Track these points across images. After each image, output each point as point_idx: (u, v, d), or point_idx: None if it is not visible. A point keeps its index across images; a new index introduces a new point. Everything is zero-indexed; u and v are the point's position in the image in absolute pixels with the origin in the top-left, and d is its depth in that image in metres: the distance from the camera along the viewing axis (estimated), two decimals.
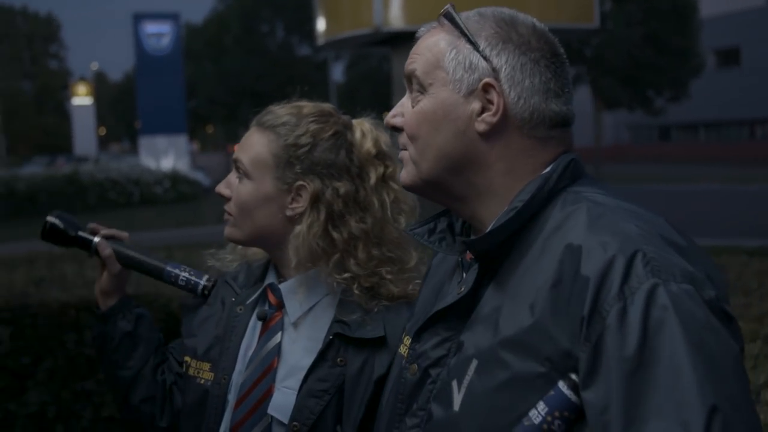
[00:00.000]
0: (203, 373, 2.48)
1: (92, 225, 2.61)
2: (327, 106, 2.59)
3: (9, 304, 6.69)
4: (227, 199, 2.53)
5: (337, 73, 58.07)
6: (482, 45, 1.82)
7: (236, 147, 2.58)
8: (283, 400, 2.36)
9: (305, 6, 50.87)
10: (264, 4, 57.21)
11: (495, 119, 1.80)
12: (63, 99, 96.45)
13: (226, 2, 59.53)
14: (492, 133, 1.81)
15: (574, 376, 1.61)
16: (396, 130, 1.91)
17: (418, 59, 1.89)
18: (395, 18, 10.53)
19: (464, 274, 1.88)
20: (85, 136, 72.74)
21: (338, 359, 2.34)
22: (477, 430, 1.72)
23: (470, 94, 1.81)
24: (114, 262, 2.57)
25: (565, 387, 1.62)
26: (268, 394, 2.38)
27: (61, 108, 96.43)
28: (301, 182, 2.45)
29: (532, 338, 1.67)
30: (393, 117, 1.91)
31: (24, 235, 22.46)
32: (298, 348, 2.42)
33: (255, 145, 2.50)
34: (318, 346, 2.38)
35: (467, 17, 1.85)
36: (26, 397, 6.65)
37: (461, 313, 1.82)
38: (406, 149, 1.90)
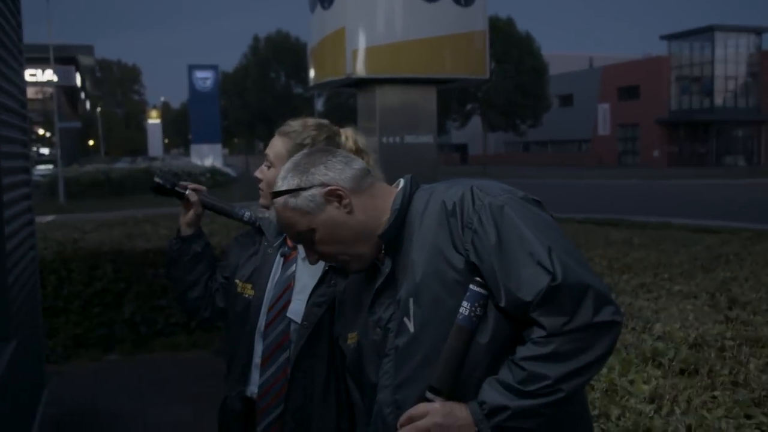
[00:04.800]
0: (247, 290, 2.45)
1: (183, 183, 2.57)
2: (324, 121, 2.53)
3: (111, 249, 6.66)
4: (260, 180, 2.47)
5: (319, 104, 57.67)
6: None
7: (267, 148, 2.54)
8: (296, 308, 2.34)
9: (299, 61, 50.75)
10: (272, 59, 56.79)
11: None
12: (142, 120, 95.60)
13: (248, 57, 59.01)
14: None
15: (478, 279, 1.68)
16: None
17: None
18: (359, 70, 10.50)
19: (381, 266, 1.87)
20: (155, 144, 72.04)
21: (332, 282, 2.32)
22: (430, 333, 1.73)
23: None
24: (199, 206, 2.54)
25: (475, 287, 1.68)
26: (287, 305, 2.36)
27: (141, 126, 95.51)
28: None
29: (437, 265, 1.73)
30: None
31: (117, 206, 22.22)
32: (306, 275, 2.38)
33: (276, 145, 2.45)
34: (318, 274, 2.35)
35: None
36: (122, 309, 6.64)
37: (389, 285, 1.83)
38: None
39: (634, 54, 66.00)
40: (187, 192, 2.54)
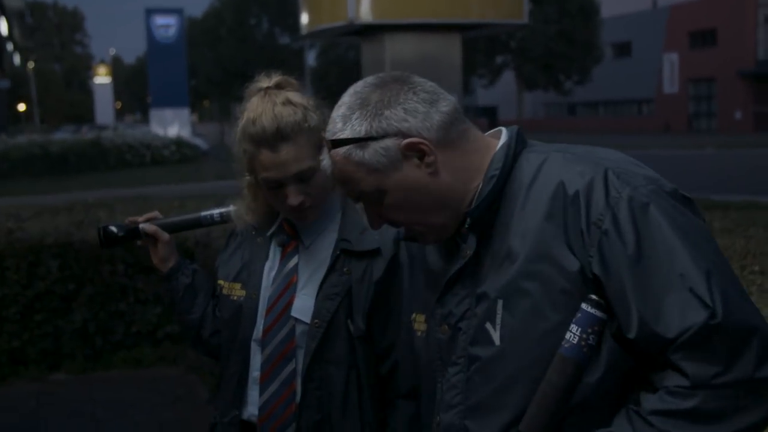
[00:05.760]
0: (235, 291, 2.49)
1: (130, 219, 2.63)
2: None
3: (57, 241, 6.69)
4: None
5: (310, 58, 57.70)
6: None
7: None
8: (303, 305, 2.38)
9: (287, 3, 50.74)
10: (252, 1, 56.75)
11: None
12: (86, 78, 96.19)
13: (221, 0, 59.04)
14: None
15: (594, 296, 1.59)
16: None
17: None
18: (365, 13, 10.55)
19: (462, 245, 1.78)
20: (104, 109, 72.32)
21: (345, 269, 2.36)
22: (520, 351, 1.66)
23: None
24: (162, 233, 2.59)
25: (589, 307, 1.58)
26: (290, 303, 2.40)
27: (85, 86, 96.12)
28: None
29: (541, 266, 1.64)
30: None
31: (60, 188, 22.28)
32: (312, 265, 2.42)
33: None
34: (327, 261, 2.39)
35: None
36: (71, 316, 6.69)
37: (469, 272, 1.75)
38: None
39: None
40: (141, 227, 2.61)
